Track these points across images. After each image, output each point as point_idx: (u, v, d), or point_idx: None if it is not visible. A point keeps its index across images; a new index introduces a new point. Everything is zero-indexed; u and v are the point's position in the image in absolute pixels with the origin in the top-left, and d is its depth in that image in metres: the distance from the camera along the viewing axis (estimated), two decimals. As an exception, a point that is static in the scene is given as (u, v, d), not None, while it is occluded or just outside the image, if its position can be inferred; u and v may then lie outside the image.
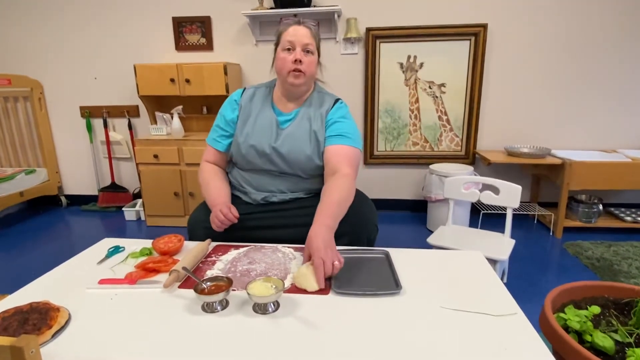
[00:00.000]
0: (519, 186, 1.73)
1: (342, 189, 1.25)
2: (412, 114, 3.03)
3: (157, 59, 3.15)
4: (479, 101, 2.93)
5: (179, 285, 1.03)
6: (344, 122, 1.41)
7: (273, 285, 0.93)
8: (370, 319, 0.88)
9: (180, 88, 2.86)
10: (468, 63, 2.88)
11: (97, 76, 3.25)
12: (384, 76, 2.98)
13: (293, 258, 1.17)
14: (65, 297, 0.98)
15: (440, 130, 3.04)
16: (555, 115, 2.94)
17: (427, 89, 2.97)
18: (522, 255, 2.39)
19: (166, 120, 3.03)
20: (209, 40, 3.06)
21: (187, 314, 0.91)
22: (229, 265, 1.13)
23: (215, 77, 2.80)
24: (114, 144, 3.36)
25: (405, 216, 3.16)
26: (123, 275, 1.08)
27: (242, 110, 1.46)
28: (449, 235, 1.91)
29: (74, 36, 3.17)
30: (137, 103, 3.25)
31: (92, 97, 3.30)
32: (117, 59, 3.19)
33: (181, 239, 1.26)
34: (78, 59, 3.23)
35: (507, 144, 2.98)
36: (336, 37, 2.94)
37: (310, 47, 1.34)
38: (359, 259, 1.16)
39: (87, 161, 3.47)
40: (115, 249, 1.25)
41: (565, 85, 2.87)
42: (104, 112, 3.29)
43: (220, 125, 1.48)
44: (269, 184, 1.43)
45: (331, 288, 0.99)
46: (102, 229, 2.99)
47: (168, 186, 2.88)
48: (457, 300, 0.94)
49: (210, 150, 1.51)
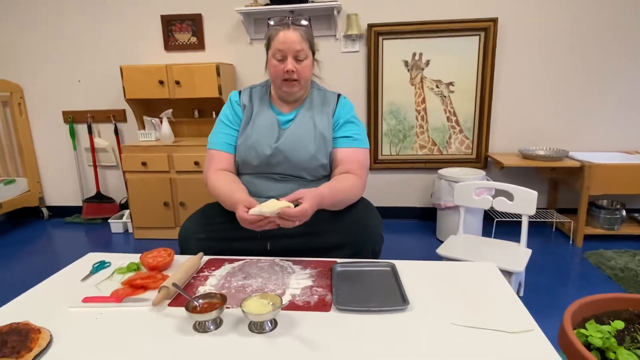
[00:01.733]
0: (535, 191, 1.74)
1: (351, 185, 1.35)
2: (419, 115, 3.04)
3: (144, 60, 3.17)
4: (490, 100, 2.93)
5: (169, 303, 1.02)
6: (353, 122, 1.48)
7: (270, 302, 0.93)
8: (375, 337, 0.87)
9: (169, 90, 2.87)
10: (477, 60, 2.89)
11: (81, 79, 3.27)
12: (388, 75, 2.99)
13: (292, 272, 1.17)
14: (47, 317, 0.98)
15: (449, 132, 3.05)
16: (573, 114, 2.94)
17: (434, 88, 2.98)
18: (540, 266, 2.38)
19: (155, 125, 3.04)
20: (200, 40, 3.09)
21: (177, 334, 0.90)
22: (222, 281, 1.13)
23: (207, 78, 2.81)
24: (99, 151, 3.37)
25: (413, 225, 3.15)
26: (109, 292, 1.08)
27: (245, 110, 1.48)
28: (460, 246, 1.91)
29: (56, 36, 3.20)
30: (124, 107, 3.27)
31: (75, 101, 3.32)
32: (102, 60, 3.21)
33: (171, 252, 1.26)
34: (60, 61, 3.25)
35: (522, 146, 2.98)
36: (336, 34, 2.96)
37: (302, 53, 1.36)
38: (362, 272, 1.15)
39: (71, 170, 3.48)
40: (101, 264, 1.25)
41: (583, 82, 2.88)
42: (88, 117, 3.31)
43: (230, 126, 1.48)
44: (269, 190, 1.43)
45: (333, 304, 0.99)
46: (87, 243, 2.98)
47: (157, 196, 2.89)
48: (469, 316, 0.94)
49: (222, 157, 1.46)
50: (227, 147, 1.47)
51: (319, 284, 1.10)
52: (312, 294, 1.05)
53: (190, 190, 2.85)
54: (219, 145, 1.47)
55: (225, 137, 1.48)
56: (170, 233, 2.94)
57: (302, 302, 1.01)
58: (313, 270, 1.18)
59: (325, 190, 1.24)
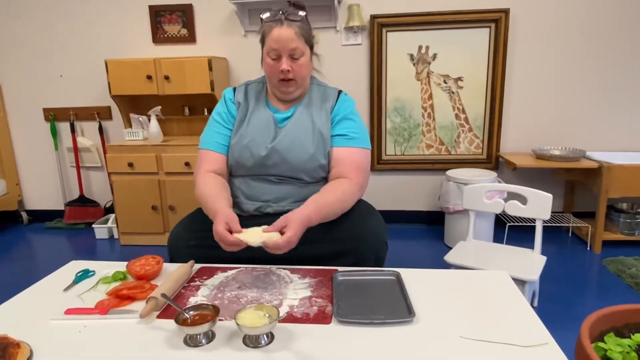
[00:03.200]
0: (550, 194, 1.74)
1: (342, 193, 1.33)
2: (425, 113, 3.04)
3: (131, 54, 3.17)
4: (501, 97, 2.94)
5: (158, 315, 1.02)
6: (351, 118, 1.46)
7: (266, 313, 0.93)
8: (379, 352, 0.87)
9: (158, 86, 2.88)
10: (488, 54, 2.90)
11: (63, 74, 3.27)
12: (392, 70, 3.00)
13: (290, 282, 1.17)
14: (27, 330, 0.97)
15: (457, 130, 3.05)
16: (591, 112, 2.95)
17: (442, 83, 2.98)
18: (555, 275, 2.38)
19: (142, 123, 3.04)
20: (191, 32, 3.09)
21: (167, 348, 0.90)
22: (215, 291, 1.13)
23: (199, 73, 2.81)
24: (82, 151, 3.37)
25: (419, 230, 3.15)
26: (93, 304, 1.08)
27: (240, 108, 1.48)
28: (469, 252, 1.91)
29: (36, 28, 3.20)
30: (109, 104, 3.27)
31: (57, 97, 3.32)
32: (86, 54, 3.21)
33: (160, 260, 1.26)
34: (41, 55, 3.25)
35: (535, 145, 2.98)
36: (336, 26, 2.97)
37: (298, 51, 1.36)
38: (365, 282, 1.15)
39: (52, 171, 3.48)
40: (84, 273, 1.25)
41: (602, 77, 2.89)
42: (71, 115, 3.31)
43: (223, 125, 1.48)
44: (264, 193, 1.43)
45: (333, 316, 0.99)
46: (69, 250, 2.98)
47: (145, 199, 2.89)
48: (480, 328, 0.94)
49: (213, 158, 1.46)
50: (218, 147, 1.47)
51: (319, 295, 1.10)
52: (312, 305, 1.05)
53: (181, 193, 2.85)
54: (210, 145, 1.47)
55: (218, 136, 1.48)
56: (159, 239, 2.93)
57: (301, 313, 1.01)
58: (312, 279, 1.18)
59: (311, 208, 1.24)
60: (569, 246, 2.77)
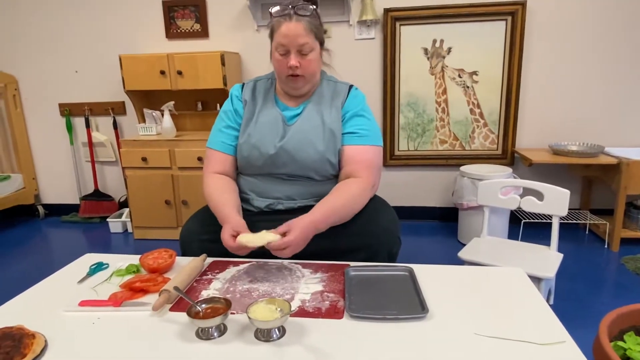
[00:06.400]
0: (567, 190, 1.72)
1: (352, 196, 1.31)
2: (439, 107, 3.02)
3: (145, 49, 3.19)
4: (517, 91, 2.90)
5: (170, 308, 1.03)
6: (362, 115, 1.45)
7: (278, 307, 0.93)
8: (392, 348, 0.87)
9: (171, 81, 2.89)
10: (504, 47, 2.86)
11: (78, 69, 3.31)
12: (406, 64, 2.97)
13: (302, 276, 1.17)
14: (42, 321, 0.99)
15: (472, 125, 3.02)
16: (609, 106, 2.89)
17: (456, 77, 2.95)
18: (572, 272, 2.35)
19: (156, 118, 3.06)
20: (204, 27, 3.10)
21: (179, 341, 0.91)
22: (227, 285, 1.14)
23: (212, 68, 2.82)
24: (97, 145, 3.41)
25: (433, 226, 3.13)
26: (107, 296, 1.09)
27: (246, 107, 1.47)
28: (484, 249, 1.90)
29: (52, 25, 3.24)
30: (123, 99, 3.30)
31: (72, 93, 3.36)
32: (101, 50, 3.24)
33: (173, 254, 1.26)
34: (57, 51, 3.29)
35: (552, 140, 2.94)
36: (349, 19, 2.95)
37: (307, 47, 1.33)
38: (378, 277, 1.15)
39: (67, 166, 3.53)
40: (98, 265, 1.27)
41: (621, 71, 2.83)
42: (86, 110, 3.35)
43: (229, 124, 1.48)
44: (275, 190, 1.43)
45: (345, 311, 0.98)
46: (84, 243, 3.02)
47: (158, 193, 2.91)
48: (495, 325, 0.93)
49: (219, 158, 1.47)
50: (224, 147, 1.47)
51: (331, 289, 1.09)
52: (323, 299, 1.05)
53: (193, 188, 2.87)
54: (215, 144, 1.48)
55: (223, 135, 1.48)
56: (172, 233, 2.96)
57: (313, 308, 1.01)
58: (324, 274, 1.18)
59: (316, 215, 1.23)
60: (586, 244, 2.73)
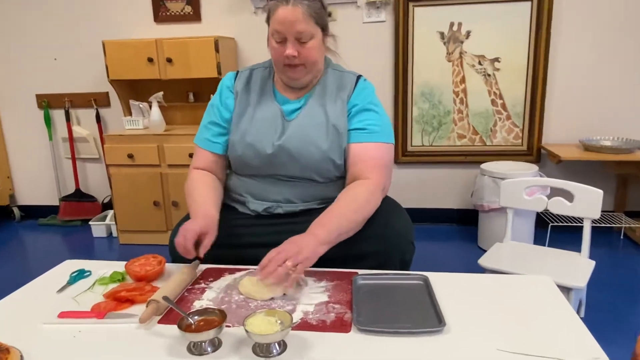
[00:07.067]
0: (600, 190, 1.71)
1: (362, 202, 1.29)
2: (457, 98, 3.01)
3: (131, 34, 3.20)
4: (544, 80, 2.89)
5: (159, 320, 1.03)
6: (371, 109, 1.43)
7: (278, 320, 0.93)
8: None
9: (160, 70, 2.90)
10: (529, 31, 2.85)
11: (57, 57, 3.32)
12: (420, 50, 2.97)
13: (304, 285, 1.16)
14: (17, 334, 0.99)
15: (493, 118, 3.01)
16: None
17: (476, 65, 2.95)
18: (605, 281, 2.34)
19: (143, 110, 3.07)
20: (196, 9, 3.10)
21: (168, 356, 0.91)
22: (222, 295, 1.14)
23: (204, 55, 2.83)
24: (78, 141, 3.42)
25: (450, 230, 3.13)
26: (89, 307, 1.09)
27: (238, 99, 1.47)
28: (507, 255, 1.90)
29: (28, 7, 3.25)
30: (107, 89, 3.31)
31: (51, 83, 3.38)
32: (82, 35, 3.25)
33: (162, 260, 1.26)
34: (33, 36, 3.30)
35: (583, 135, 2.93)
36: (357, 0, 2.95)
37: (306, 34, 1.31)
38: (389, 286, 1.15)
39: (46, 163, 3.54)
40: (80, 273, 1.27)
41: (660, 57, 2.82)
42: (66, 102, 3.36)
43: (215, 120, 1.48)
44: (273, 192, 1.43)
45: (353, 324, 0.98)
46: (64, 248, 3.04)
47: (146, 194, 2.92)
48: (519, 340, 0.93)
49: (202, 155, 1.49)
50: (208, 145, 1.48)
51: (337, 300, 1.09)
52: (329, 311, 1.04)
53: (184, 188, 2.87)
54: (200, 141, 1.50)
55: (208, 132, 1.49)
56: (161, 238, 2.97)
57: (317, 320, 1.01)
58: (329, 282, 1.18)
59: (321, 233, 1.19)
60: (621, 249, 2.73)
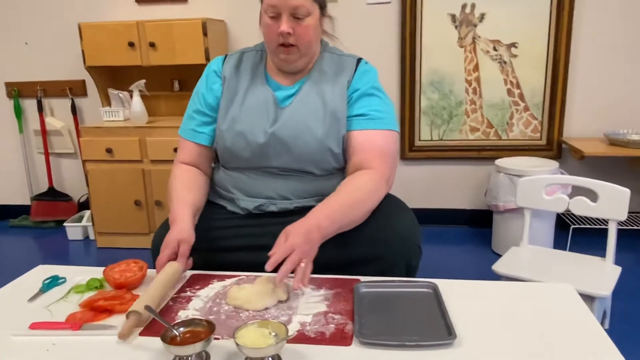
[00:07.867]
0: (627, 189, 1.71)
1: (360, 188, 1.30)
2: (470, 88, 3.02)
3: (110, 16, 3.19)
4: (566, 68, 2.90)
5: (141, 332, 1.03)
6: (373, 94, 1.44)
7: (272, 332, 0.93)
8: (412, 380, 0.87)
9: (142, 55, 2.90)
10: (550, 14, 2.85)
11: (29, 41, 3.32)
12: (429, 34, 2.97)
13: (301, 293, 1.16)
14: (-16, 347, 0.99)
15: (510, 109, 3.02)
16: (679, 86, 2.89)
17: (491, 51, 2.95)
18: (632, 290, 2.35)
19: (123, 100, 3.06)
20: (181, -12, 3.10)
21: (151, 372, 0.91)
22: (210, 304, 1.13)
23: (191, 39, 2.82)
24: (52, 134, 3.42)
25: (461, 233, 3.14)
26: (63, 317, 1.09)
27: (225, 85, 1.47)
28: (524, 261, 1.90)
29: (-3, -14, 3.25)
30: (84, 77, 3.30)
31: (21, 69, 3.37)
32: (56, 17, 3.25)
33: (143, 266, 1.26)
34: (2, 18, 3.29)
35: (609, 128, 2.93)
36: (360, -21, 2.95)
37: (302, 10, 1.31)
38: (394, 295, 1.15)
39: (16, 159, 3.54)
40: (53, 280, 1.26)
41: (693, 42, 2.82)
42: (38, 91, 3.36)
43: (200, 109, 1.49)
44: (265, 188, 1.43)
45: (354, 336, 0.98)
46: (36, 252, 3.04)
47: (126, 192, 2.92)
48: (538, 354, 0.93)
49: (186, 147, 1.50)
50: (193, 136, 1.49)
51: (337, 310, 1.09)
52: (328, 322, 1.04)
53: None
54: (184, 132, 1.51)
55: (193, 121, 1.49)
56: (143, 241, 2.96)
57: (315, 332, 1.01)
58: (329, 291, 1.18)
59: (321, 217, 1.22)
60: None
